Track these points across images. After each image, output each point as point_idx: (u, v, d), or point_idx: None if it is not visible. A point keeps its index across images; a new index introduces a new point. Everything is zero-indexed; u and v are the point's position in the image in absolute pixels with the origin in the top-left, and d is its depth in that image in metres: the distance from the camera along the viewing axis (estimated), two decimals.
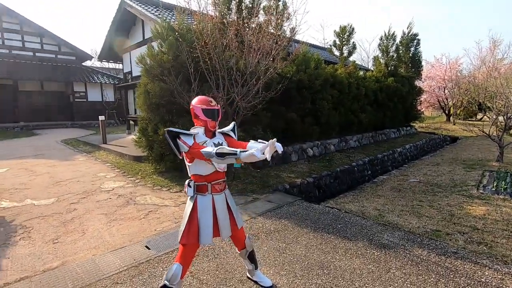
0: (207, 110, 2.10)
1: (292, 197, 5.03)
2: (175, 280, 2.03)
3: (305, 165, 7.45)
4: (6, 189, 5.13)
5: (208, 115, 2.10)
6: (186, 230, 2.08)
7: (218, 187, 2.17)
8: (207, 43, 5.06)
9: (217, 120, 2.15)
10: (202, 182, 2.12)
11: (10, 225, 3.78)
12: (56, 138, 12.17)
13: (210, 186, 2.12)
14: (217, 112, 2.15)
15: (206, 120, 2.10)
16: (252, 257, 2.50)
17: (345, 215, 4.21)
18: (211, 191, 2.14)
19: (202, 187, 2.12)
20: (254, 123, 7.22)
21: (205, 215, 2.10)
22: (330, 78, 8.68)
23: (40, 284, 2.59)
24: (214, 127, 2.15)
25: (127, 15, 10.21)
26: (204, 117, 2.09)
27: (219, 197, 2.18)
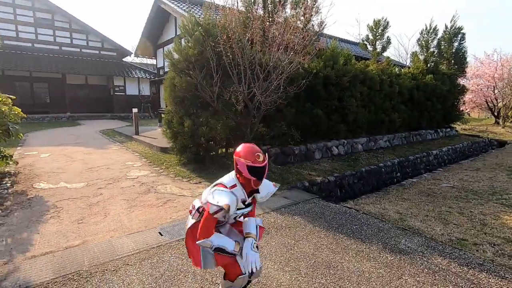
0: (253, 168, 1.76)
1: (309, 195, 4.93)
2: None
3: (328, 164, 7.25)
4: (46, 172, 5.64)
5: (254, 173, 1.77)
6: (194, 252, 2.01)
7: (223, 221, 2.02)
8: (230, 37, 5.09)
9: (263, 179, 1.85)
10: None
11: (44, 204, 4.15)
12: (95, 128, 13.09)
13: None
14: (265, 169, 1.81)
15: (251, 178, 1.78)
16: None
17: (362, 216, 4.04)
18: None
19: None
20: (278, 119, 7.17)
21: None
22: (359, 74, 8.32)
23: (61, 259, 2.81)
24: (257, 186, 1.85)
25: (161, 12, 10.61)
26: (249, 175, 1.77)
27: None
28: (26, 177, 5.28)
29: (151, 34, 11.93)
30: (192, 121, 5.82)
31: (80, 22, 19.34)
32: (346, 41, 14.86)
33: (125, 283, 2.48)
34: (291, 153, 7.01)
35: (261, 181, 1.84)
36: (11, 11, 17.35)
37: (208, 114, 6.19)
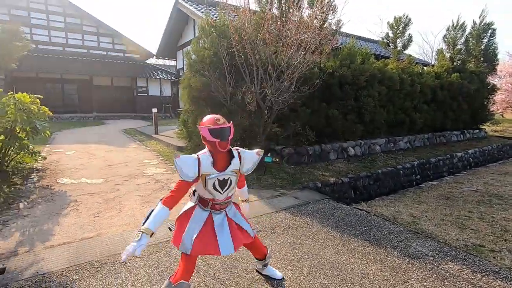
0: (214, 130, 1.89)
1: (320, 195, 4.88)
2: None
3: (344, 165, 7.12)
4: (69, 168, 5.98)
5: (217, 135, 1.88)
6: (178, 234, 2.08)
7: (218, 207, 2.11)
8: (242, 38, 5.15)
9: (227, 139, 1.93)
10: (207, 197, 2.07)
11: (66, 198, 4.41)
12: (119, 128, 13.66)
13: (210, 203, 2.09)
14: (228, 131, 1.92)
15: (214, 141, 1.89)
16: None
17: (373, 218, 3.95)
18: (210, 208, 2.10)
19: (204, 201, 2.09)
20: (293, 119, 7.14)
21: (193, 226, 2.05)
22: (377, 73, 8.09)
23: (76, 250, 2.99)
24: (225, 148, 1.94)
25: (180, 14, 10.91)
26: (211, 138, 1.89)
27: (218, 214, 2.13)
28: (52, 173, 5.63)
29: (171, 36, 12.29)
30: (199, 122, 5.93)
31: (107, 26, 20.25)
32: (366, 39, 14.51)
33: (132, 274, 2.59)
34: (305, 153, 6.96)
35: (225, 142, 1.92)
36: (44, 17, 18.51)
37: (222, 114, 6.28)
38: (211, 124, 1.91)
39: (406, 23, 9.34)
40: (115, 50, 20.96)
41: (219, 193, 2.04)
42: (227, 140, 1.93)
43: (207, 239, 2.04)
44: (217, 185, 2.00)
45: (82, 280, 2.49)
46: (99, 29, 20.21)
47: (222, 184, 2.02)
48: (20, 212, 3.90)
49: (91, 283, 2.46)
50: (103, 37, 20.45)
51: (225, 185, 2.03)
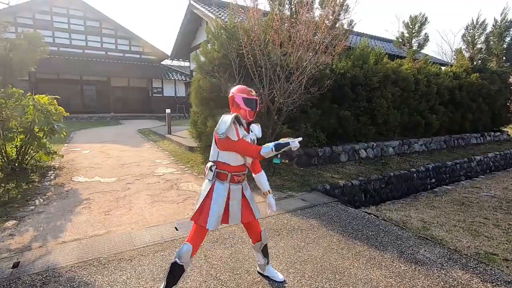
0: (248, 100, 2.07)
1: (328, 198, 4.83)
2: (186, 259, 2.10)
3: (355, 167, 7.01)
4: (84, 167, 6.20)
5: (249, 104, 2.07)
6: (199, 211, 2.13)
7: (237, 178, 2.19)
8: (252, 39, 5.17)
9: (256, 111, 2.13)
10: (224, 171, 2.12)
11: (79, 196, 4.58)
12: (134, 128, 14.01)
13: (230, 175, 2.14)
14: (257, 103, 2.14)
15: (246, 110, 2.07)
16: (266, 251, 2.53)
17: (381, 222, 3.87)
18: (229, 181, 2.15)
19: (222, 175, 2.13)
20: (303, 120, 7.10)
21: (217, 203, 2.12)
22: (391, 74, 7.92)
23: (85, 246, 3.10)
24: (252, 118, 2.14)
25: (194, 16, 11.06)
26: (245, 106, 2.06)
27: (236, 187, 2.20)
28: (68, 171, 5.85)
29: (185, 38, 12.48)
30: (215, 122, 5.99)
31: (124, 28, 20.81)
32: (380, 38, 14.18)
33: (136, 272, 2.66)
34: (314, 155, 6.90)
35: (254, 112, 2.11)
36: (65, 21, 19.24)
37: None
38: (245, 94, 2.09)
39: (422, 22, 9.08)
40: (132, 52, 21.50)
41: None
42: (255, 111, 2.13)
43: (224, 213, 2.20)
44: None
45: (89, 276, 2.58)
46: (117, 32, 20.79)
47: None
48: (36, 208, 4.08)
49: (97, 279, 2.54)
50: (120, 39, 21.03)
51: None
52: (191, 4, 10.66)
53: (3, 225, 3.54)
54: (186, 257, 2.10)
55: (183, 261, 2.09)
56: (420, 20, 9.05)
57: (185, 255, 2.09)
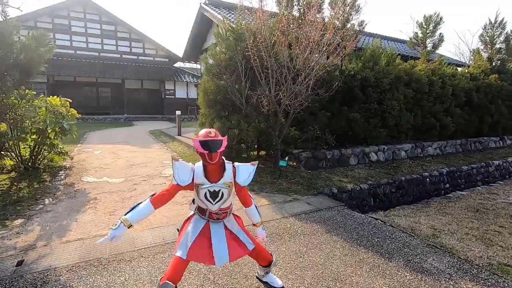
0: (204, 142, 1.94)
1: (335, 202, 4.72)
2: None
3: (364, 171, 6.85)
4: (94, 167, 6.32)
5: (206, 147, 1.93)
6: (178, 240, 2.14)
7: (215, 216, 2.15)
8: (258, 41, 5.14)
9: (217, 152, 1.94)
10: (203, 206, 2.13)
11: (87, 196, 4.66)
12: (146, 129, 14.25)
13: (208, 212, 2.13)
14: (217, 144, 1.95)
15: (203, 152, 1.94)
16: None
17: (388, 228, 3.74)
18: (207, 217, 2.15)
19: (202, 210, 2.16)
20: (311, 122, 7.01)
21: (191, 232, 2.10)
22: (403, 75, 7.70)
23: (88, 246, 3.13)
24: (213, 160, 1.96)
25: (204, 19, 11.16)
26: (201, 149, 1.94)
27: (216, 224, 2.16)
28: (78, 171, 5.98)
29: (196, 40, 12.61)
30: (222, 124, 6.00)
31: (138, 32, 21.26)
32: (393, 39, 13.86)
33: (135, 273, 2.66)
34: (322, 157, 6.78)
35: (215, 154, 1.95)
36: (83, 25, 19.84)
37: (239, 117, 6.33)
38: (202, 136, 1.98)
39: (437, 22, 8.79)
40: (146, 55, 21.93)
41: (211, 204, 2.08)
42: (217, 153, 1.96)
43: (202, 247, 2.07)
44: (208, 195, 2.05)
45: (89, 276, 2.60)
46: (131, 35, 21.27)
47: (213, 195, 2.06)
48: (45, 207, 4.17)
49: (96, 280, 2.56)
50: (134, 42, 21.49)
51: (216, 196, 2.07)
52: (201, 7, 10.77)
53: (11, 223, 3.63)
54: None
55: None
56: (434, 20, 8.77)
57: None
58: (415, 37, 9.32)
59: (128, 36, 21.28)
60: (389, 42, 11.96)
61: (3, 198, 4.43)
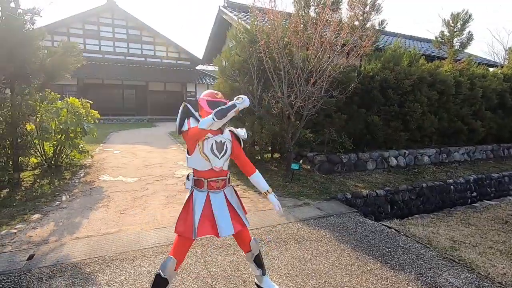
0: (211, 102, 2.02)
1: (347, 208, 4.54)
2: (170, 272, 2.03)
3: (382, 176, 6.55)
4: (111, 166, 6.54)
5: (213, 107, 1.96)
6: (182, 221, 2.07)
7: (215, 185, 2.09)
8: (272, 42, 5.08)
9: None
10: (199, 177, 2.07)
11: (101, 194, 4.82)
12: (166, 130, 14.60)
13: (206, 182, 2.07)
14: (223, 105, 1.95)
15: (210, 111, 1.93)
16: (259, 261, 2.38)
17: (401, 238, 3.52)
18: (207, 188, 2.08)
19: (199, 182, 2.08)
20: (327, 125, 6.83)
21: (198, 211, 2.04)
22: (427, 76, 7.31)
23: (95, 243, 3.21)
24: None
25: (223, 22, 11.27)
26: (208, 108, 2.01)
27: (216, 194, 2.10)
28: (96, 170, 6.22)
29: (215, 43, 12.77)
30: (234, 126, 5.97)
31: (162, 36, 21.91)
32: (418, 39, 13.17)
33: (136, 272, 2.68)
34: (338, 161, 6.57)
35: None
36: (110, 30, 20.76)
37: (253, 119, 6.29)
38: (210, 97, 2.07)
39: (465, 20, 8.26)
40: (169, 58, 22.54)
41: (217, 158, 2.04)
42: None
43: (205, 220, 2.05)
44: (214, 147, 2.03)
45: (91, 274, 2.66)
46: (155, 39, 21.96)
47: (220, 147, 2.05)
48: (61, 204, 4.36)
49: (98, 277, 2.60)
50: (158, 46, 22.17)
51: (222, 149, 2.06)
52: (220, 9, 10.89)
53: (29, 218, 3.82)
54: (169, 270, 2.02)
55: (166, 274, 2.02)
56: (462, 17, 8.24)
57: (168, 268, 2.01)
58: (441, 36, 8.81)
59: (153, 40, 21.98)
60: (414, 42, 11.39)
61: (26, 194, 4.68)
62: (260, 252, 2.39)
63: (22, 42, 4.49)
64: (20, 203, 4.30)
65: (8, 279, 2.56)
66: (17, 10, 4.71)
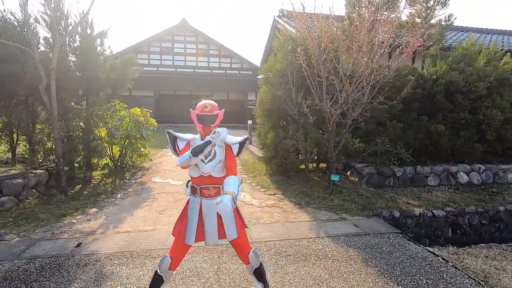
0: (200, 116, 2.07)
1: (389, 228, 4.05)
2: (164, 270, 2.14)
3: (446, 194, 5.65)
4: (165, 170, 7.18)
5: (201, 121, 2.06)
6: (178, 225, 2.18)
7: (207, 192, 2.11)
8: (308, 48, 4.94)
9: (210, 126, 2.06)
10: (194, 184, 2.14)
11: (149, 194, 5.33)
12: None
13: (199, 189, 2.11)
14: (210, 118, 2.07)
15: (199, 126, 2.08)
16: (260, 275, 2.29)
17: (448, 270, 2.96)
18: (199, 195, 2.11)
19: (193, 189, 2.14)
20: (380, 134, 6.26)
21: (191, 217, 2.12)
22: (510, 76, 6.08)
23: (131, 239, 3.56)
24: (208, 133, 2.04)
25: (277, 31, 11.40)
26: (197, 122, 2.09)
27: (207, 202, 2.10)
28: (152, 172, 6.91)
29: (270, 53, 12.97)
30: (275, 134, 5.96)
31: (227, 48, 23.33)
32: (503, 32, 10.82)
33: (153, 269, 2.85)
34: (390, 174, 5.93)
35: (208, 128, 2.06)
36: (182, 46, 23.04)
37: (297, 127, 6.18)
38: (198, 110, 2.09)
39: None
40: (232, 69, 23.81)
41: (203, 163, 2.05)
42: (210, 127, 2.08)
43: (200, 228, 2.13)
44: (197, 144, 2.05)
45: (117, 266, 2.95)
46: (220, 52, 23.51)
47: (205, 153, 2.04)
48: (115, 201, 4.96)
49: (121, 270, 2.88)
50: (223, 58, 23.65)
51: (209, 154, 2.05)
52: (275, 19, 11.07)
53: (88, 211, 4.46)
54: (164, 268, 2.12)
55: (161, 272, 2.12)
56: None
57: (163, 266, 2.12)
58: None
59: (218, 53, 23.57)
60: (496, 37, 9.48)
61: (92, 190, 5.48)
62: (262, 266, 2.30)
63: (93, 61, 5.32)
64: (85, 198, 5.05)
65: (56, 262, 3.02)
66: (92, 35, 5.65)
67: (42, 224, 3.96)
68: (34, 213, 4.34)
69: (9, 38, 5.11)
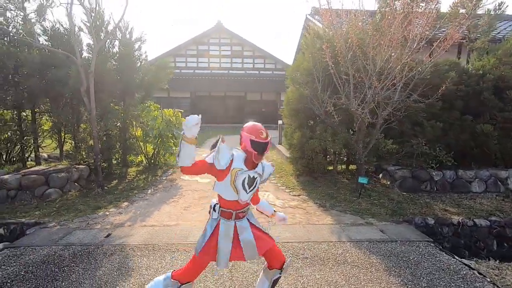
0: (255, 143, 1.89)
1: (419, 236, 3.75)
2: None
3: (493, 202, 5.08)
4: None
5: (256, 148, 1.89)
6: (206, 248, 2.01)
7: (242, 215, 2.06)
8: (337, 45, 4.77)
9: (263, 154, 1.95)
10: (228, 210, 2.02)
11: (177, 191, 5.54)
12: None
13: (234, 214, 2.02)
14: (266, 146, 1.94)
15: (252, 152, 1.90)
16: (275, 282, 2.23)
17: (485, 286, 2.66)
18: (234, 218, 2.03)
19: (227, 214, 2.03)
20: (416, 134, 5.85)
21: (225, 242, 2.00)
22: None
23: (155, 232, 3.74)
24: (258, 161, 1.96)
25: None
26: (251, 149, 1.90)
27: (241, 223, 2.06)
28: None
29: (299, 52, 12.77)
30: (302, 133, 5.84)
31: (260, 49, 23.45)
32: None
33: (171, 263, 2.98)
34: (427, 178, 5.49)
35: (261, 155, 1.93)
36: (217, 49, 23.65)
37: (324, 127, 6.01)
38: (254, 135, 1.90)
39: None
40: (266, 69, 23.87)
41: (245, 192, 1.98)
42: (263, 154, 1.95)
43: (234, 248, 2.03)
44: (246, 182, 1.96)
45: (139, 257, 3.11)
46: (254, 52, 23.70)
47: (251, 182, 1.98)
48: (145, 196, 5.25)
49: (142, 261, 3.03)
50: (257, 59, 23.81)
51: (253, 184, 1.99)
52: (307, 18, 10.88)
53: (120, 205, 4.77)
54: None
55: None
56: None
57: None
58: None
59: (252, 54, 23.78)
60: None
61: (126, 185, 5.86)
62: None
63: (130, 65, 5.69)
64: (119, 192, 5.41)
65: (87, 250, 3.28)
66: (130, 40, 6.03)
67: (80, 215, 4.32)
68: (74, 204, 4.75)
69: (58, 46, 5.68)
